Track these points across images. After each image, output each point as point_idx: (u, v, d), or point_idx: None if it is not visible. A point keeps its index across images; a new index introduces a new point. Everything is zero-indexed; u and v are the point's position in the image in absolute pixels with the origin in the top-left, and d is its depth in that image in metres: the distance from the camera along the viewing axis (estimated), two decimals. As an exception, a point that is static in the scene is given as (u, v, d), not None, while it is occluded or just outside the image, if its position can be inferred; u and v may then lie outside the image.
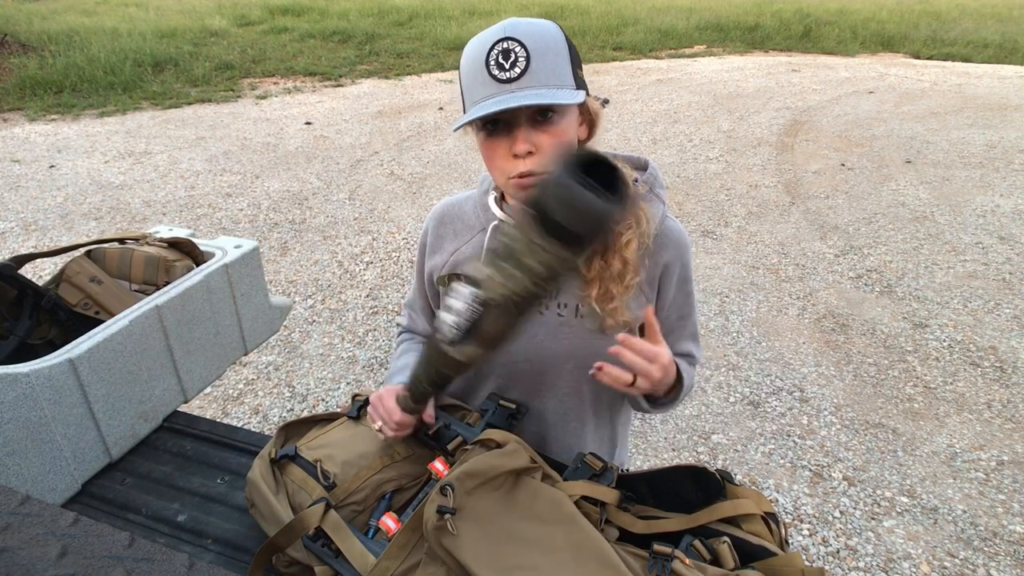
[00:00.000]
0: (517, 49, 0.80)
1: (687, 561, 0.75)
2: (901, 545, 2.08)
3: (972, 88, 8.18)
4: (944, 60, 10.34)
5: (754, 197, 4.94)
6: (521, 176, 0.85)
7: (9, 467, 1.05)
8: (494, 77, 0.81)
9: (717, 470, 0.89)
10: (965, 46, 10.79)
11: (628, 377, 0.85)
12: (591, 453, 0.93)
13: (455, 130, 0.83)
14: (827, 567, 2.00)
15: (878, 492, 2.29)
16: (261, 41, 10.85)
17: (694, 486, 0.89)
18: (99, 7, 13.43)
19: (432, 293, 1.10)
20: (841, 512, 2.21)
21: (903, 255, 4.01)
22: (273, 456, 1.01)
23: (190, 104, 7.79)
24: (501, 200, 0.99)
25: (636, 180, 0.95)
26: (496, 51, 0.80)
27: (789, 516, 2.20)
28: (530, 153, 0.83)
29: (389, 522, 0.89)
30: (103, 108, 7.47)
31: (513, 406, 1.01)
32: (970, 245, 4.11)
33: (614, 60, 10.38)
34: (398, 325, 1.23)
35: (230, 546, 1.06)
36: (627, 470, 0.96)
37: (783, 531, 0.85)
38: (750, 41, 11.72)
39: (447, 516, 0.78)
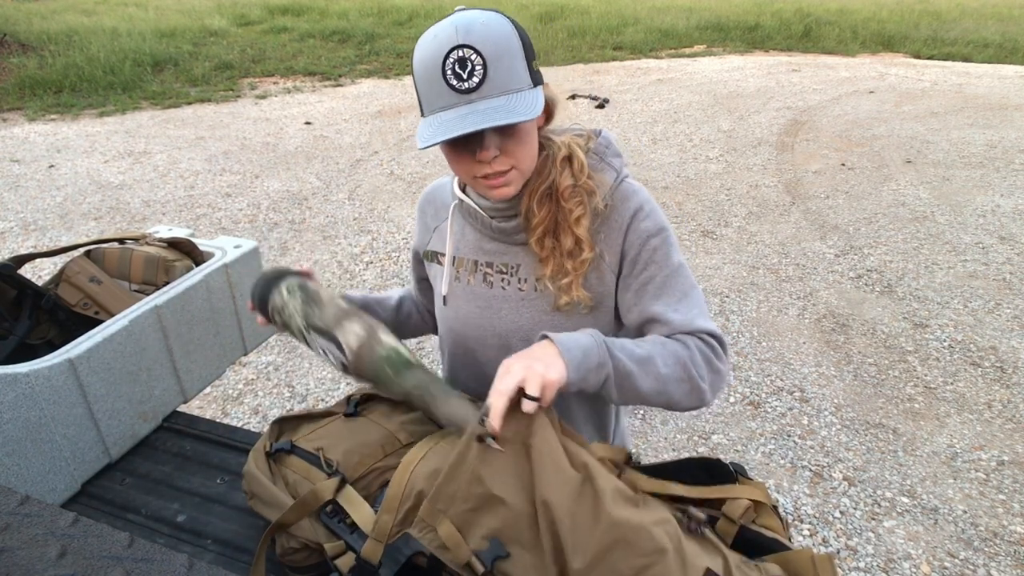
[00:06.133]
0: (473, 57, 0.78)
1: (712, 536, 0.79)
2: (901, 545, 2.08)
3: (972, 88, 8.18)
4: (944, 60, 10.33)
5: (754, 197, 4.94)
6: (489, 176, 0.87)
7: (9, 467, 1.05)
8: (452, 87, 0.80)
9: (731, 463, 0.88)
10: (965, 46, 10.78)
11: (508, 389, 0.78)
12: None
13: (424, 148, 0.81)
14: (827, 567, 2.00)
15: (878, 492, 2.29)
16: (261, 41, 10.85)
17: (706, 475, 0.89)
18: (98, 7, 13.42)
19: (418, 267, 1.17)
20: (841, 512, 2.21)
21: (903, 255, 4.01)
22: (268, 450, 1.01)
23: (190, 104, 7.79)
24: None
25: (589, 151, 0.95)
26: (452, 59, 0.78)
27: (790, 516, 2.20)
28: (495, 156, 0.85)
29: None
30: (103, 108, 7.47)
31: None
32: (970, 245, 4.10)
33: (614, 60, 10.37)
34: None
35: (230, 546, 1.06)
36: (639, 463, 0.96)
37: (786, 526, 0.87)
38: (750, 41, 11.72)
39: (488, 440, 0.80)
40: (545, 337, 0.86)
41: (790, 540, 0.84)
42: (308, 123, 7.00)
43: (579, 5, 13.70)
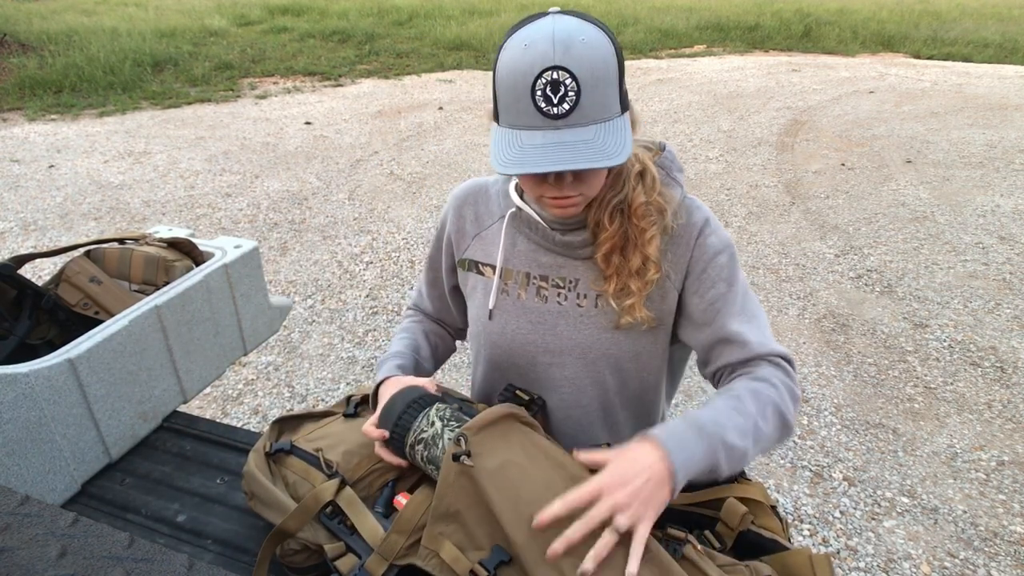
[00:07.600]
0: (567, 81, 0.73)
1: (698, 547, 0.76)
2: (901, 545, 2.08)
3: (972, 88, 8.18)
4: (944, 60, 10.33)
5: (754, 197, 4.94)
6: (559, 199, 0.83)
7: (9, 467, 1.05)
8: (539, 109, 0.74)
9: None
10: (965, 46, 10.78)
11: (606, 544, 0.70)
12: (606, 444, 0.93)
13: (509, 174, 0.75)
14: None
15: (878, 492, 2.29)
16: (261, 41, 10.84)
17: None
18: (98, 7, 13.42)
19: (449, 278, 1.09)
20: (841, 512, 2.21)
21: (903, 255, 4.01)
22: (268, 450, 1.01)
23: (190, 104, 7.79)
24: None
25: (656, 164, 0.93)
26: (544, 80, 0.73)
27: (790, 516, 2.20)
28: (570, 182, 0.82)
29: (403, 500, 0.89)
30: (102, 108, 7.47)
31: (527, 397, 0.99)
32: (970, 245, 4.10)
33: (614, 60, 10.36)
34: (410, 306, 1.22)
35: (230, 546, 1.06)
36: None
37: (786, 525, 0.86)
38: (750, 41, 11.72)
39: (463, 458, 0.78)
40: (654, 439, 0.76)
41: (790, 540, 0.83)
42: (308, 123, 7.00)
43: (579, 5, 13.70)
